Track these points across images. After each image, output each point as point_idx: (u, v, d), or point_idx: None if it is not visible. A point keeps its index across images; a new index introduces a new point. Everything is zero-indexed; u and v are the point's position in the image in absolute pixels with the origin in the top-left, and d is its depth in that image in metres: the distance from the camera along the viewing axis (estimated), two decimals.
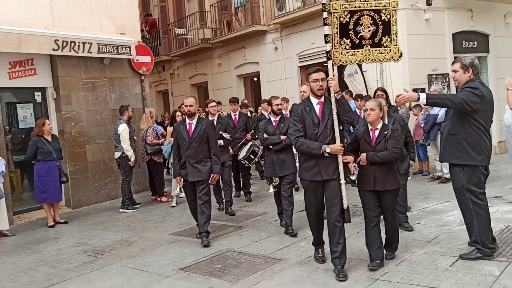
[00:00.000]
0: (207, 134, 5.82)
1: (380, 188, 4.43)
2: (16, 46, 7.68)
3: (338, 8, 4.58)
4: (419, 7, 10.32)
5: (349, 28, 4.59)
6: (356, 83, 10.61)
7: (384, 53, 4.68)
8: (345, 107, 4.37)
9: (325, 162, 4.41)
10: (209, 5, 15.18)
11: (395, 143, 4.41)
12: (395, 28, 4.69)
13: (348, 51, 4.64)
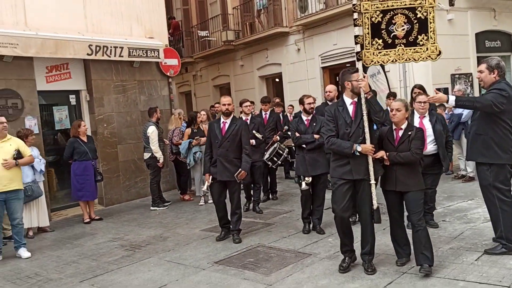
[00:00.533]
0: (240, 134, 5.89)
1: (402, 189, 4.39)
2: (53, 51, 8.06)
3: (369, 8, 4.56)
4: (441, 8, 10.40)
5: (381, 28, 4.56)
6: (379, 83, 10.75)
7: (420, 52, 4.54)
8: (376, 107, 4.38)
9: (356, 161, 4.43)
10: (231, 8, 15.48)
11: (418, 144, 4.37)
12: (433, 26, 4.51)
13: (380, 51, 4.60)
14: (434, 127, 5.57)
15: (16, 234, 6.10)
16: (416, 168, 4.45)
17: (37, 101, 8.30)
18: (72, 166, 7.72)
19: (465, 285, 3.99)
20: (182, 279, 4.83)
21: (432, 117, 5.63)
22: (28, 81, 8.16)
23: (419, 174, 4.46)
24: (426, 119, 5.64)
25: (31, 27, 8.03)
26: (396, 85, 10.53)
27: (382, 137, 4.56)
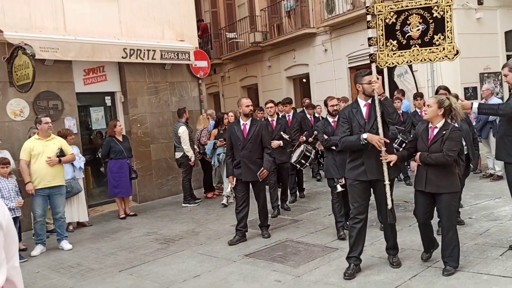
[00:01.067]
0: (261, 135, 5.99)
1: (432, 190, 4.23)
2: (90, 55, 8.47)
3: (383, 10, 4.54)
4: (470, 7, 10.39)
5: (396, 29, 4.51)
6: (406, 83, 10.80)
7: (436, 52, 4.46)
8: (389, 109, 4.38)
9: (369, 161, 4.43)
10: (259, 10, 15.73)
11: (452, 145, 4.13)
12: (450, 25, 4.41)
13: (395, 52, 4.56)
14: (461, 127, 5.21)
15: (58, 227, 6.50)
16: (451, 169, 4.22)
17: (76, 102, 8.74)
18: (109, 164, 8.10)
19: (489, 278, 4.11)
20: (215, 270, 5.09)
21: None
22: (67, 83, 8.61)
23: (453, 175, 4.23)
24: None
25: (70, 32, 8.46)
26: (424, 84, 10.55)
27: (417, 135, 4.46)
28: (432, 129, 4.30)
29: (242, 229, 6.06)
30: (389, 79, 11.45)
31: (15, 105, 7.89)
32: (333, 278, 4.52)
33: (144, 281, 4.95)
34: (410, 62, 4.65)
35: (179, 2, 10.42)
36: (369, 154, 4.42)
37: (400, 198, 7.18)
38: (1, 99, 7.75)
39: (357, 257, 4.55)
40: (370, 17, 4.58)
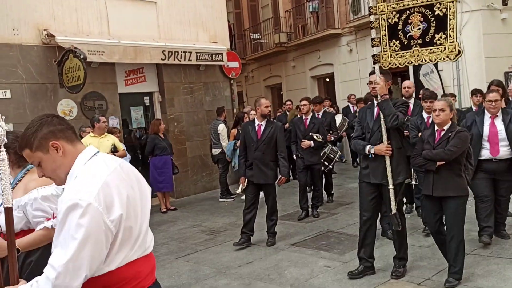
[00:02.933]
0: (276, 137, 5.84)
1: (439, 194, 4.11)
2: (133, 57, 8.95)
3: (386, 10, 4.49)
4: (495, 7, 10.64)
5: (398, 29, 4.44)
6: (432, 82, 11.08)
7: (437, 52, 4.32)
8: (384, 112, 4.29)
9: (373, 165, 4.44)
10: (283, 11, 16.11)
11: (457, 142, 4.04)
12: (452, 23, 4.22)
13: (398, 53, 4.48)
14: (507, 128, 4.97)
15: None
16: (458, 171, 4.13)
17: (118, 102, 9.22)
18: (153, 160, 8.56)
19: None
20: (265, 257, 5.51)
21: (506, 116, 5.03)
22: (111, 84, 9.10)
23: (461, 178, 4.13)
24: (498, 119, 5.06)
25: (113, 36, 8.94)
26: (450, 83, 10.84)
27: (423, 139, 4.35)
28: (439, 132, 4.23)
29: (247, 232, 5.93)
30: (414, 78, 11.74)
31: (64, 105, 8.39)
32: (379, 263, 4.87)
33: (201, 267, 5.38)
34: (411, 63, 4.55)
35: (212, 6, 10.85)
36: (374, 157, 4.44)
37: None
38: (52, 100, 8.25)
39: (366, 259, 4.59)
40: (373, 17, 4.59)
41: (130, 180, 2.01)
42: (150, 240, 2.11)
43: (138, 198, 2.00)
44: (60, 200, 1.88)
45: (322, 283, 4.57)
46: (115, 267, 1.89)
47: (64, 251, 1.75)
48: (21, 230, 2.59)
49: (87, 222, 1.76)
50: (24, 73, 7.89)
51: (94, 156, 2.00)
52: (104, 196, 1.82)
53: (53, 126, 1.98)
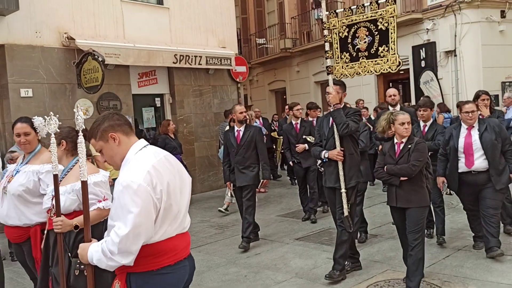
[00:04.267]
0: (255, 141, 6.03)
1: (403, 205, 4.26)
2: (146, 60, 9.39)
3: (337, 24, 4.80)
4: (493, 20, 11.11)
5: (348, 42, 4.73)
6: (432, 90, 11.54)
7: (381, 64, 4.60)
8: (336, 120, 4.56)
9: (328, 170, 4.76)
10: (289, 18, 16.58)
11: (418, 156, 4.17)
12: (393, 36, 4.52)
13: (348, 65, 4.77)
14: (482, 137, 4.89)
15: None
16: (420, 183, 4.26)
17: (132, 103, 9.66)
18: None
19: None
20: (272, 250, 5.93)
21: (482, 125, 4.95)
22: (125, 85, 9.54)
23: (423, 189, 4.27)
24: (474, 129, 4.99)
25: (128, 40, 9.38)
26: (449, 91, 11.30)
27: (384, 152, 4.47)
28: (398, 144, 4.35)
29: (248, 238, 6.02)
30: (415, 86, 12.21)
31: (81, 105, 8.82)
32: (376, 257, 5.31)
33: (212, 257, 5.81)
34: (359, 74, 4.81)
35: (221, 12, 11.31)
36: (329, 162, 4.74)
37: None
38: (70, 99, 8.70)
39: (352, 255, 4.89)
40: (326, 31, 4.87)
41: (172, 169, 2.45)
42: (188, 221, 2.55)
43: (178, 185, 2.43)
44: (117, 182, 2.32)
45: (325, 272, 4.97)
46: (157, 240, 2.32)
47: (124, 222, 2.18)
48: (73, 211, 3.04)
49: (139, 199, 2.19)
50: (45, 74, 8.34)
51: (144, 147, 2.45)
52: (150, 178, 2.25)
53: (112, 121, 2.43)
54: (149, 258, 2.30)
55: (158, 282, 2.32)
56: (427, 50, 11.75)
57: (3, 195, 3.58)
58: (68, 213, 3.04)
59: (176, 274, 2.40)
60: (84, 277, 2.89)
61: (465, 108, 4.94)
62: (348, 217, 4.61)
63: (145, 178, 2.24)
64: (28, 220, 3.51)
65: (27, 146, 3.61)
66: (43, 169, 3.52)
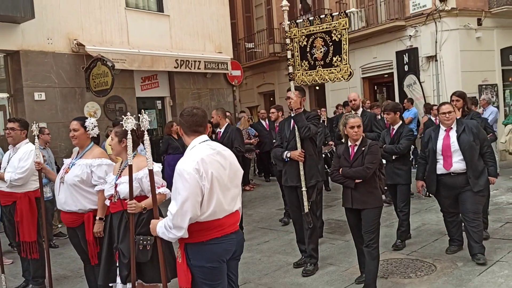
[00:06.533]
0: (232, 139, 6.36)
1: (359, 206, 4.33)
2: (150, 65, 9.94)
3: (297, 34, 5.07)
4: (471, 27, 11.97)
5: (307, 51, 4.99)
6: (415, 93, 12.34)
7: (335, 73, 4.83)
8: (298, 124, 4.83)
9: (289, 170, 5.00)
10: (277, 23, 17.25)
11: (371, 158, 4.24)
12: (345, 47, 4.74)
13: (307, 72, 5.04)
14: (459, 138, 4.90)
15: None
16: (374, 184, 4.33)
17: (136, 105, 10.19)
18: (167, 158, 9.53)
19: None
20: (279, 237, 6.58)
21: (460, 127, 4.95)
22: (129, 89, 10.07)
23: (376, 190, 4.34)
24: (452, 131, 5.00)
25: (132, 45, 9.91)
26: (430, 94, 12.12)
27: (339, 155, 4.53)
28: (352, 147, 4.42)
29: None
30: (399, 89, 13.01)
31: (90, 107, 9.32)
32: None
33: None
34: (316, 81, 5.11)
35: (217, 19, 11.92)
36: (291, 162, 5.01)
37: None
38: (79, 102, 9.19)
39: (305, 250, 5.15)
40: (288, 40, 5.13)
41: (224, 161, 2.98)
42: (238, 205, 3.07)
43: (226, 176, 2.95)
44: (176, 168, 2.88)
45: (329, 255, 5.63)
46: (206, 219, 2.86)
47: (175, 202, 2.76)
48: (135, 196, 3.61)
49: (188, 184, 2.75)
50: (56, 78, 8.82)
51: (203, 142, 3.02)
52: (200, 167, 2.80)
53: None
54: (200, 232, 2.86)
55: (207, 250, 2.87)
56: (410, 55, 12.56)
57: (60, 185, 4.12)
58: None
59: (222, 245, 2.92)
60: (146, 251, 3.51)
61: (442, 109, 5.03)
62: (308, 214, 4.90)
63: (195, 166, 2.78)
64: (82, 206, 4.07)
65: (75, 140, 4.18)
66: (95, 163, 4.09)
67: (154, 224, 2.95)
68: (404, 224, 5.73)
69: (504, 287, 4.25)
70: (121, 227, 3.67)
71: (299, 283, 4.83)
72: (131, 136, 3.51)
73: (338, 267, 5.23)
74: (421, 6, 12.15)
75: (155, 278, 3.73)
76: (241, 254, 3.16)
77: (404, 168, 5.71)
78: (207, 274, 2.87)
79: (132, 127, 3.42)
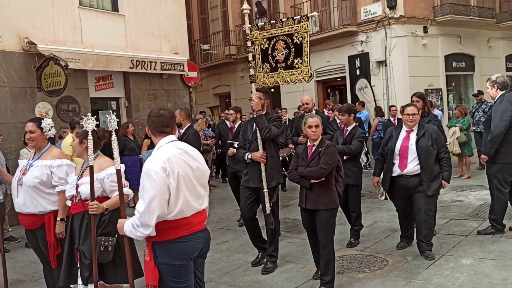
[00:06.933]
0: (189, 141, 6.87)
1: (312, 207, 4.34)
2: (105, 65, 9.77)
3: (259, 37, 5.16)
4: (417, 34, 12.59)
5: (268, 54, 5.09)
6: (366, 96, 12.81)
7: (296, 74, 4.93)
8: (258, 125, 4.90)
9: (251, 171, 5.05)
10: (233, 26, 17.38)
11: (327, 159, 4.26)
12: (306, 50, 4.86)
13: (268, 74, 5.13)
14: (418, 142, 5.03)
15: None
16: (329, 186, 4.34)
17: (90, 106, 9.99)
18: (123, 159, 9.34)
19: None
20: (237, 237, 6.68)
21: (421, 130, 5.09)
22: (83, 89, 9.86)
23: (331, 191, 4.35)
24: (413, 133, 5.13)
25: (86, 45, 9.71)
26: (380, 97, 12.63)
27: (298, 155, 4.55)
28: (310, 147, 4.46)
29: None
30: (351, 92, 13.46)
31: (41, 108, 9.06)
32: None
33: None
34: (277, 83, 5.20)
35: (174, 19, 11.87)
36: (252, 164, 5.10)
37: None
38: (30, 102, 8.90)
39: (260, 247, 5.35)
40: (250, 43, 5.22)
41: (191, 161, 3.05)
42: (205, 204, 3.15)
43: (193, 175, 3.02)
44: (143, 168, 2.93)
45: (287, 253, 5.79)
46: (174, 217, 2.93)
47: (143, 201, 2.83)
48: (97, 197, 3.60)
49: (155, 182, 2.81)
50: (6, 77, 8.51)
51: (170, 142, 3.08)
52: (166, 166, 2.86)
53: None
54: (168, 230, 2.93)
55: (175, 248, 2.94)
56: (361, 60, 13.03)
57: (18, 187, 4.04)
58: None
59: (190, 243, 3.01)
60: (108, 252, 3.52)
61: (406, 111, 5.13)
62: (270, 215, 5.00)
63: (162, 165, 2.84)
64: (43, 208, 4.00)
65: (32, 142, 4.12)
66: (54, 164, 4.04)
67: (122, 223, 2.98)
68: (356, 223, 5.97)
69: (450, 278, 4.56)
70: (82, 228, 3.66)
71: (259, 281, 4.96)
72: (92, 137, 3.51)
73: (296, 264, 5.39)
74: (372, 13, 12.65)
75: (117, 279, 3.75)
76: (207, 252, 3.24)
77: (355, 169, 5.82)
78: (174, 272, 2.93)
79: (92, 127, 3.43)
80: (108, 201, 3.65)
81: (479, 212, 7.02)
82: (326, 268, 4.37)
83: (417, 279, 4.61)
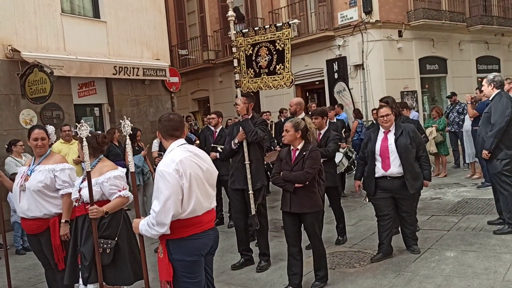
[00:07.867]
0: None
1: (296, 210, 4.37)
2: (88, 72, 9.80)
3: (243, 43, 5.31)
4: (393, 38, 13.03)
5: (252, 60, 5.24)
6: (345, 99, 13.17)
7: (278, 80, 5.07)
8: (244, 129, 5.05)
9: (236, 173, 5.20)
10: (211, 31, 17.53)
11: (311, 163, 4.30)
12: (288, 56, 4.98)
13: (252, 79, 5.28)
14: (397, 141, 5.09)
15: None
16: (312, 189, 4.38)
17: (73, 112, 9.98)
18: None
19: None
20: (228, 238, 6.82)
21: (398, 130, 5.15)
22: (66, 96, 9.85)
23: (315, 195, 4.39)
24: (391, 133, 5.19)
25: (69, 52, 9.72)
26: (358, 100, 13.00)
27: (281, 158, 4.56)
28: (293, 151, 4.46)
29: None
30: (329, 96, 13.80)
31: (26, 115, 9.03)
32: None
33: None
34: (261, 89, 5.34)
35: (154, 26, 11.96)
36: (237, 165, 5.25)
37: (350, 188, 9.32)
38: (14, 109, 8.86)
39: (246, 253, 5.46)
40: (235, 49, 5.37)
41: (201, 162, 3.22)
42: (214, 203, 3.32)
43: (203, 175, 3.19)
44: (156, 169, 3.09)
45: (279, 251, 5.97)
46: (187, 216, 3.11)
47: (158, 201, 2.98)
48: (97, 200, 3.74)
49: (169, 183, 2.98)
50: None
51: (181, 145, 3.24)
52: (179, 168, 3.03)
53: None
54: (181, 228, 3.09)
55: (188, 245, 3.11)
56: (339, 63, 13.39)
57: (21, 193, 4.12)
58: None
59: (202, 240, 3.18)
60: (107, 254, 3.67)
61: (380, 113, 5.20)
62: (255, 216, 5.13)
63: (175, 167, 3.00)
64: (48, 211, 4.10)
65: (42, 149, 4.21)
66: (57, 168, 4.16)
67: (137, 222, 3.12)
68: (340, 221, 6.20)
69: (437, 269, 4.84)
70: (84, 230, 3.80)
71: (255, 278, 5.14)
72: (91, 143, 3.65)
73: None
74: (349, 18, 13.02)
75: (117, 280, 3.87)
76: (216, 249, 3.41)
77: (331, 171, 5.90)
78: (188, 267, 3.10)
79: (87, 134, 3.57)
80: (108, 204, 3.80)
81: (458, 208, 7.38)
82: (319, 264, 4.57)
83: (405, 272, 4.87)
